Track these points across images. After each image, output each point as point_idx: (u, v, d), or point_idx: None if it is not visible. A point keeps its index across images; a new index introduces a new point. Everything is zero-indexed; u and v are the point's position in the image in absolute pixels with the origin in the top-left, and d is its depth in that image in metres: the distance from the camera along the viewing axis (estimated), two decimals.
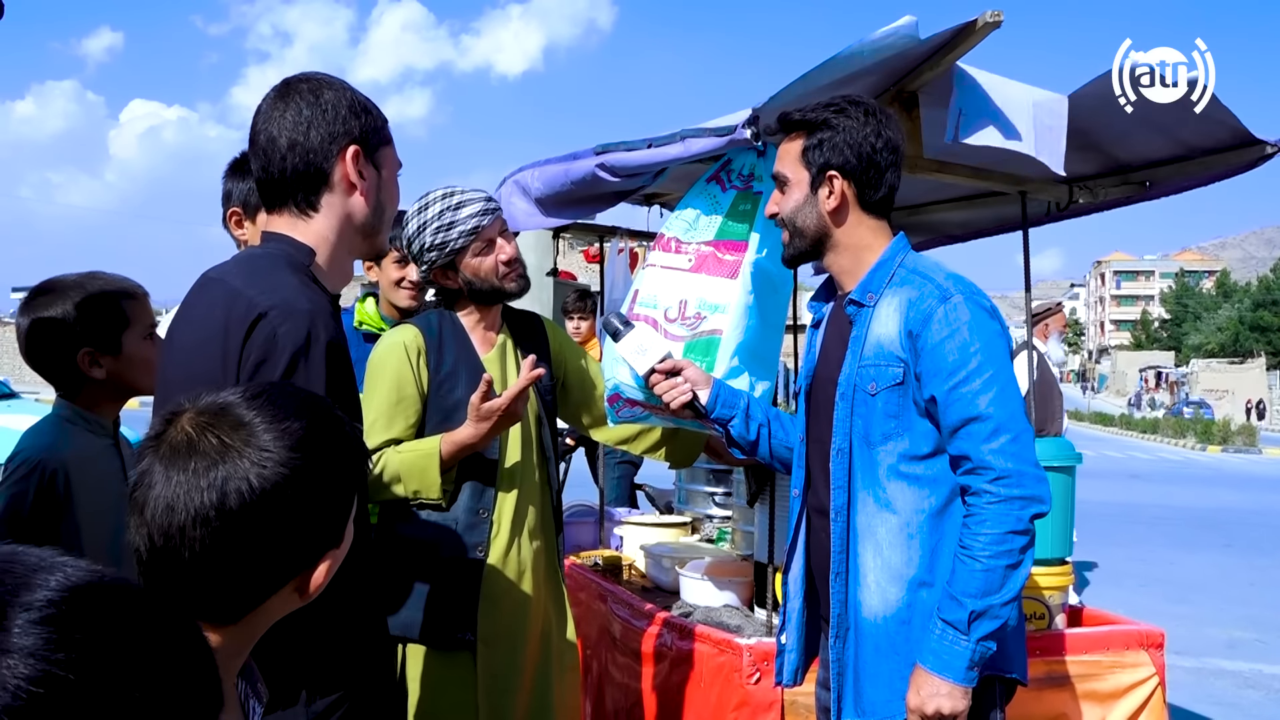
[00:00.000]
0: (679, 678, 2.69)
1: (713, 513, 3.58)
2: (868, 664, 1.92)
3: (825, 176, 1.96)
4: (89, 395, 2.02)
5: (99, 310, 1.99)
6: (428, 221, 2.36)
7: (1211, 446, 27.47)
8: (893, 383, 1.88)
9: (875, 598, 1.90)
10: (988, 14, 2.16)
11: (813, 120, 1.97)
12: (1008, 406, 1.81)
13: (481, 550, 2.34)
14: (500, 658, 2.35)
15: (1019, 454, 1.79)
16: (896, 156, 1.97)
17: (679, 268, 2.46)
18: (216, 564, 0.92)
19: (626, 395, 2.47)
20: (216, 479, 0.91)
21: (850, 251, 2.00)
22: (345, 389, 1.52)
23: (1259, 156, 2.73)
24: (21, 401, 8.93)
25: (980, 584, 1.76)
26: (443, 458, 2.25)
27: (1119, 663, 2.71)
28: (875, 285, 1.95)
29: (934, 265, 1.96)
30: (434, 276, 2.43)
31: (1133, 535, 10.51)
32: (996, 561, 1.76)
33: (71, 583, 0.65)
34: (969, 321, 1.83)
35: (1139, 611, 3.24)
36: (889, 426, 1.89)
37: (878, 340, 1.91)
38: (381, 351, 2.39)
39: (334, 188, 1.56)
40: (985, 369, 1.81)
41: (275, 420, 0.95)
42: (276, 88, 1.60)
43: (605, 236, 4.09)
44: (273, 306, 1.41)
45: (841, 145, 1.94)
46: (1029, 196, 3.05)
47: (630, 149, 2.56)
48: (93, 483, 1.94)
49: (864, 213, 1.98)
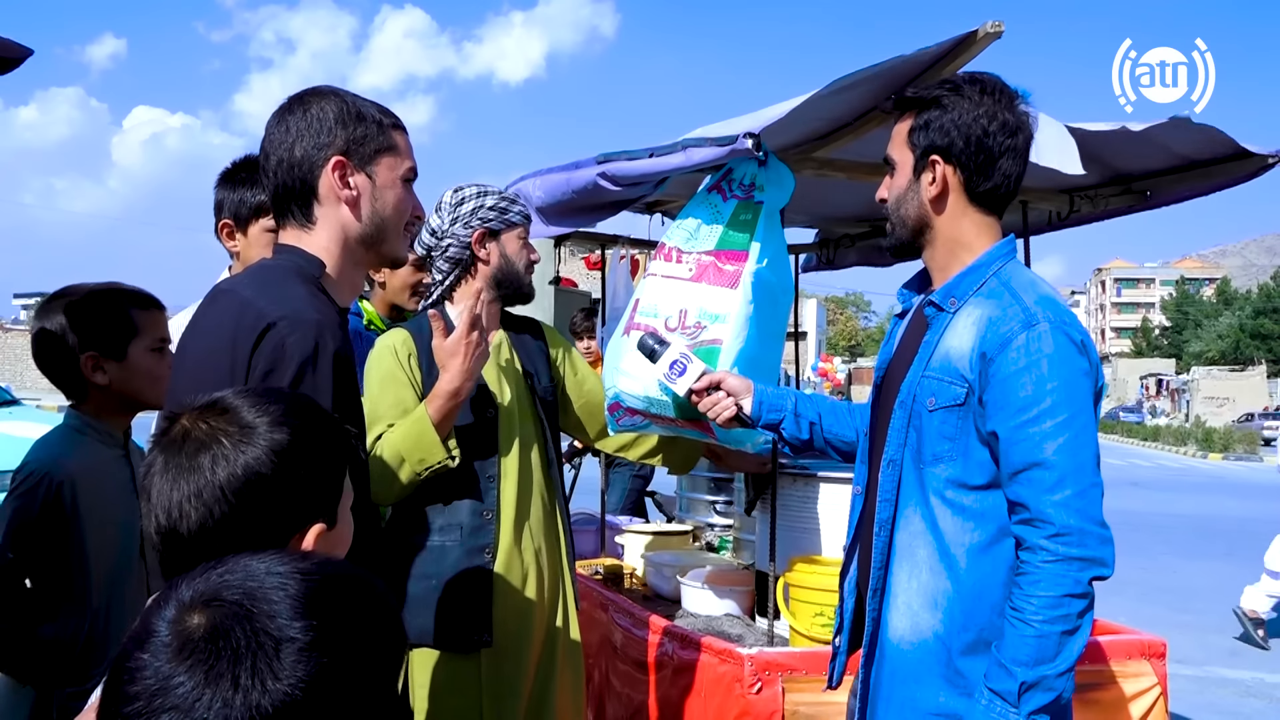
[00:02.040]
0: (680, 687, 2.69)
1: (714, 521, 3.58)
2: (884, 688, 1.82)
3: (929, 160, 1.79)
4: (96, 403, 2.02)
5: (106, 316, 2.00)
6: (490, 192, 2.49)
7: (1213, 454, 27.43)
8: (953, 402, 1.73)
9: (904, 621, 1.78)
10: (988, 24, 2.16)
11: (924, 98, 1.80)
12: (1078, 456, 1.63)
13: (489, 552, 2.35)
14: (505, 661, 2.36)
15: (1083, 510, 1.61)
16: (1015, 141, 1.77)
17: (679, 277, 2.46)
18: (213, 536, 1.01)
19: (627, 404, 2.47)
20: (206, 458, 1.03)
21: (948, 247, 1.83)
22: (351, 399, 1.54)
23: (1259, 166, 2.73)
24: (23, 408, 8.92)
25: (1033, 651, 1.59)
26: (432, 417, 2.22)
27: (1121, 673, 2.70)
28: (961, 291, 1.78)
29: (1030, 282, 1.76)
30: (475, 239, 2.44)
31: (1134, 543, 10.49)
32: (1051, 627, 1.59)
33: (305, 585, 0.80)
34: (1051, 355, 1.65)
35: (1141, 620, 3.24)
36: (942, 448, 1.74)
37: (947, 352, 1.75)
38: (375, 356, 2.41)
39: (324, 200, 1.58)
40: (1059, 411, 1.63)
41: (258, 404, 1.07)
42: (280, 105, 1.62)
43: (607, 245, 4.10)
44: (282, 317, 1.42)
45: (949, 126, 1.76)
46: (1029, 206, 3.05)
47: (632, 158, 2.57)
48: (101, 493, 1.94)
49: (970, 204, 1.80)
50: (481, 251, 2.45)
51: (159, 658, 0.75)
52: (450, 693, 2.33)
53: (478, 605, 2.33)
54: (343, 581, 0.84)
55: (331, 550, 1.11)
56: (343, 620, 0.81)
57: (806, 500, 2.82)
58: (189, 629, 0.76)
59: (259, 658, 0.75)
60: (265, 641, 0.76)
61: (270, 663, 0.75)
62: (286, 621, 0.77)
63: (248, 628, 0.76)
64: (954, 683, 1.73)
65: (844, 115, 2.52)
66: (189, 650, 0.75)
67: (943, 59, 2.29)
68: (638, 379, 2.42)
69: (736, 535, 3.31)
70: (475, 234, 2.44)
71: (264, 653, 0.75)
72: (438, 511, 2.36)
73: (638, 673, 2.89)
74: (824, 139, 2.65)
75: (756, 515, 2.98)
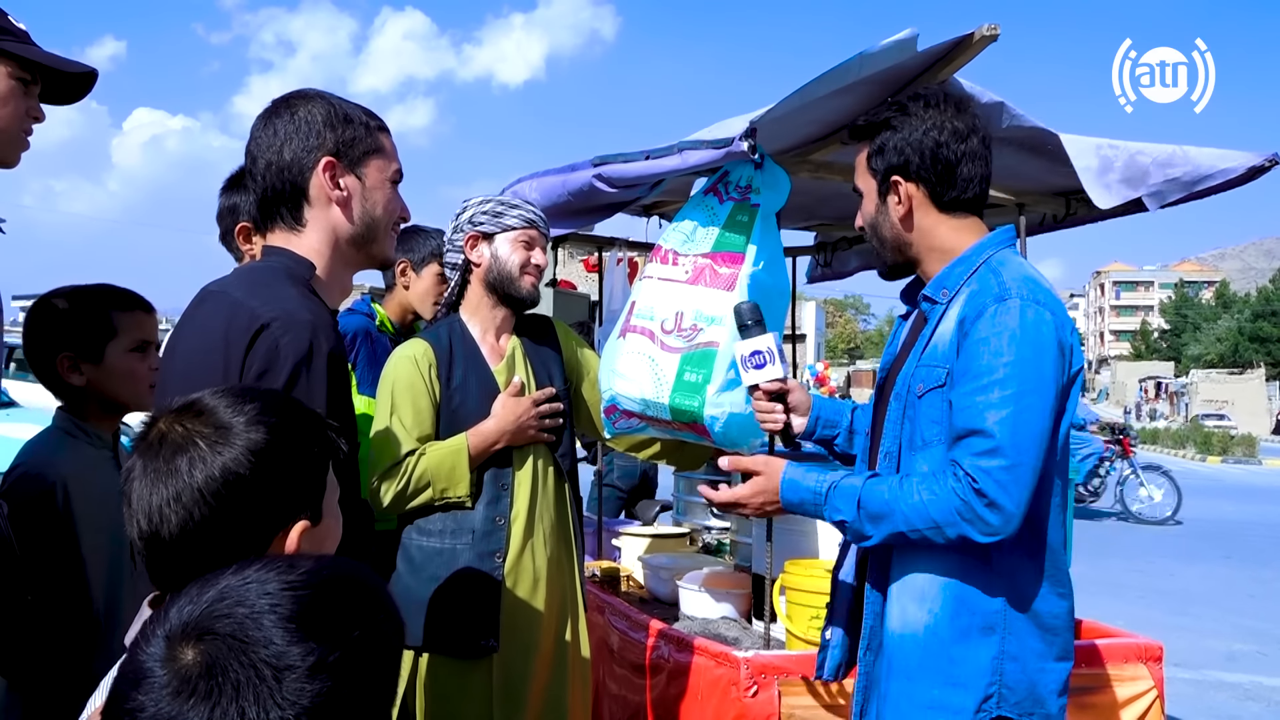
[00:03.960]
0: (676, 690, 2.68)
1: (711, 524, 3.58)
2: (881, 680, 1.84)
3: (890, 182, 1.82)
4: (78, 405, 2.02)
5: (82, 317, 1.99)
6: (492, 197, 2.51)
7: (1211, 457, 27.43)
8: (935, 384, 1.74)
9: (897, 612, 1.79)
10: (984, 27, 2.17)
11: (873, 123, 1.84)
12: (1018, 433, 1.62)
13: (500, 557, 2.36)
14: (514, 666, 2.36)
15: (1005, 485, 1.62)
16: (969, 145, 1.79)
17: (676, 279, 2.46)
18: (195, 539, 1.01)
19: (623, 407, 2.47)
20: (183, 461, 1.01)
21: (933, 256, 1.84)
22: (343, 399, 1.53)
23: (1258, 168, 2.73)
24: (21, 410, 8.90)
25: (879, 508, 1.69)
26: (470, 453, 2.32)
27: (1118, 676, 2.70)
28: (952, 281, 1.79)
29: (1016, 265, 1.77)
30: (468, 243, 2.46)
31: (1132, 546, 10.49)
32: (906, 521, 1.67)
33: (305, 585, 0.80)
34: (1014, 329, 1.65)
35: (1138, 623, 3.24)
36: (931, 432, 1.75)
37: (937, 341, 1.77)
38: (394, 365, 2.42)
39: (314, 202, 1.58)
40: (1009, 385, 1.63)
41: (233, 404, 1.05)
42: (265, 108, 1.62)
43: (604, 247, 4.10)
44: (275, 318, 1.42)
45: (902, 145, 1.80)
46: (1026, 209, 3.05)
47: (628, 160, 2.57)
48: (92, 494, 1.94)
49: (942, 214, 1.82)
50: (474, 254, 2.46)
51: (159, 700, 0.74)
52: (460, 698, 2.33)
53: (486, 610, 2.34)
54: (334, 588, 0.83)
55: (319, 546, 1.10)
56: (340, 633, 0.79)
57: None
58: (184, 666, 0.75)
59: (260, 689, 0.73)
60: (265, 672, 0.74)
61: (273, 693, 0.74)
62: (284, 647, 0.76)
63: (244, 659, 0.75)
64: (948, 673, 1.74)
65: (841, 118, 2.52)
66: (189, 689, 0.73)
67: (939, 62, 2.29)
68: (634, 381, 2.42)
69: (733, 538, 3.30)
70: (467, 237, 2.45)
71: (265, 684, 0.74)
72: (450, 516, 2.37)
73: (634, 675, 2.89)
74: (821, 141, 2.65)
75: (754, 518, 2.98)
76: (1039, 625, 1.74)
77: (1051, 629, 1.75)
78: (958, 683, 1.72)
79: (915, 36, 2.12)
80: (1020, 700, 1.71)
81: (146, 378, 2.03)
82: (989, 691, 1.71)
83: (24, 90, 1.72)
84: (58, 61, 1.71)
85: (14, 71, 1.71)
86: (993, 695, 1.71)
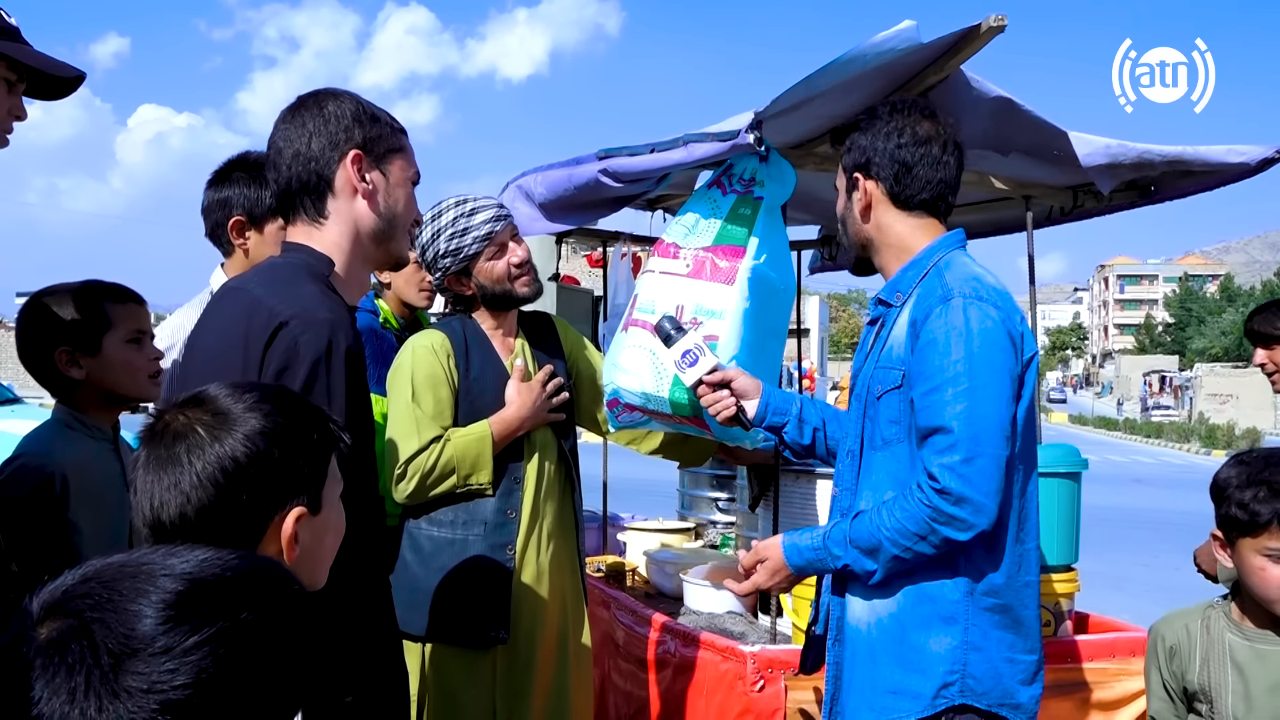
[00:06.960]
0: (682, 685, 2.68)
1: (716, 518, 3.58)
2: (846, 670, 1.91)
3: (853, 178, 1.96)
4: (78, 398, 2.02)
5: (79, 310, 2.00)
6: (442, 229, 2.41)
7: (1216, 451, 27.41)
8: (892, 386, 1.84)
9: (860, 603, 1.87)
10: (991, 18, 2.16)
11: (847, 126, 1.99)
12: (975, 425, 1.71)
13: (510, 549, 2.38)
14: (519, 657, 2.38)
15: (967, 476, 1.69)
16: (928, 150, 1.90)
17: (677, 273, 2.45)
18: (195, 524, 1.04)
19: (625, 400, 2.46)
20: (182, 448, 1.05)
21: (891, 251, 1.95)
22: (361, 397, 1.55)
23: (1263, 161, 2.71)
24: (25, 406, 8.93)
25: (866, 542, 1.78)
26: (494, 439, 2.35)
27: (1125, 670, 2.70)
28: (905, 285, 1.90)
29: (963, 265, 1.87)
30: (448, 283, 2.46)
31: (1136, 540, 10.48)
32: (892, 548, 1.75)
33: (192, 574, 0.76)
34: (960, 327, 1.75)
35: (1142, 617, 3.21)
36: (890, 432, 1.85)
37: (893, 341, 1.87)
38: (413, 354, 2.42)
39: (338, 194, 1.59)
40: (961, 380, 1.72)
41: (233, 394, 1.09)
42: (289, 104, 1.64)
43: (608, 242, 4.09)
44: (294, 316, 1.43)
45: (865, 145, 1.94)
46: (1033, 201, 3.04)
47: (633, 154, 2.56)
48: (92, 487, 1.94)
49: (900, 211, 1.93)
50: (461, 288, 2.48)
51: (13, 667, 0.71)
52: (465, 689, 2.34)
53: (497, 601, 2.35)
54: (232, 586, 0.77)
55: (319, 537, 1.11)
56: (217, 625, 0.73)
57: (809, 497, 2.81)
58: (37, 640, 0.72)
59: (93, 673, 0.69)
60: (104, 659, 0.70)
61: (107, 680, 0.70)
62: (149, 631, 0.71)
63: (85, 642, 0.71)
64: (908, 659, 1.80)
65: (848, 112, 2.51)
66: (33, 665, 0.71)
67: (946, 53, 2.28)
68: (635, 375, 2.41)
69: (739, 532, 3.30)
70: (445, 280, 2.47)
71: (99, 669, 0.70)
72: (461, 507, 2.39)
73: (640, 671, 2.89)
74: (826, 135, 2.64)
75: (759, 512, 2.97)
76: (1004, 616, 1.79)
77: (1017, 620, 1.81)
78: (916, 668, 1.79)
79: (915, 28, 2.13)
80: (987, 691, 1.77)
81: (144, 368, 2.05)
82: (948, 679, 1.77)
83: (8, 89, 1.71)
84: (47, 64, 1.70)
85: (1, 70, 1.71)
86: (953, 683, 1.77)
